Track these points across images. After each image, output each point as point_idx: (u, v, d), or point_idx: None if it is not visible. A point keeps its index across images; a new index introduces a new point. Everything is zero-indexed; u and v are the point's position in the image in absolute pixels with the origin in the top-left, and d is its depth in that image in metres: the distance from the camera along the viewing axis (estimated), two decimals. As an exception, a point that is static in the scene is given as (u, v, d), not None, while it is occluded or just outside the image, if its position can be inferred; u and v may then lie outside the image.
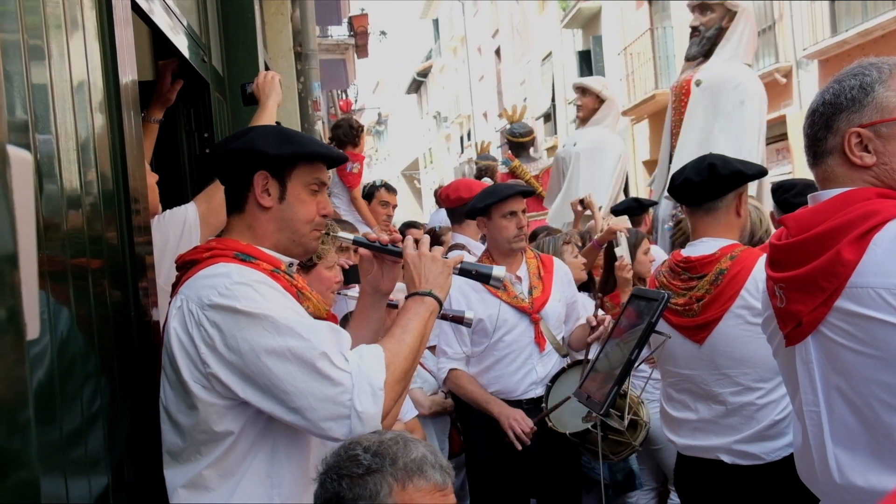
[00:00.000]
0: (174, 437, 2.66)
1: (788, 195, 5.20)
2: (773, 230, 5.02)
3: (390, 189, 8.87)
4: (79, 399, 2.32)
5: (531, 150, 11.98)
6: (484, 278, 3.12)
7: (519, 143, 11.74)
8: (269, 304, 2.55)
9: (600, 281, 6.28)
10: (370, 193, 8.64)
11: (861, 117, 2.42)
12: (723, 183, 3.97)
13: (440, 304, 2.91)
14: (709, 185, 3.98)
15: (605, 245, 6.29)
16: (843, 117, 2.45)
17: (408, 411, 5.00)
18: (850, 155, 2.44)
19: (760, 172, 4.11)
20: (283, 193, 2.81)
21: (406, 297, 2.92)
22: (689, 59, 8.34)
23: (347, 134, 8.73)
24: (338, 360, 2.53)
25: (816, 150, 2.54)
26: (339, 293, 4.37)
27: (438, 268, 2.95)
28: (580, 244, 6.61)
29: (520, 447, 4.93)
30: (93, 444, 2.39)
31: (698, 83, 8.11)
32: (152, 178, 3.45)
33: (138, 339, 2.82)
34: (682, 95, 8.18)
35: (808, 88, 19.74)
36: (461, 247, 6.62)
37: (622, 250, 5.97)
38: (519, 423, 4.96)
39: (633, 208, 7.75)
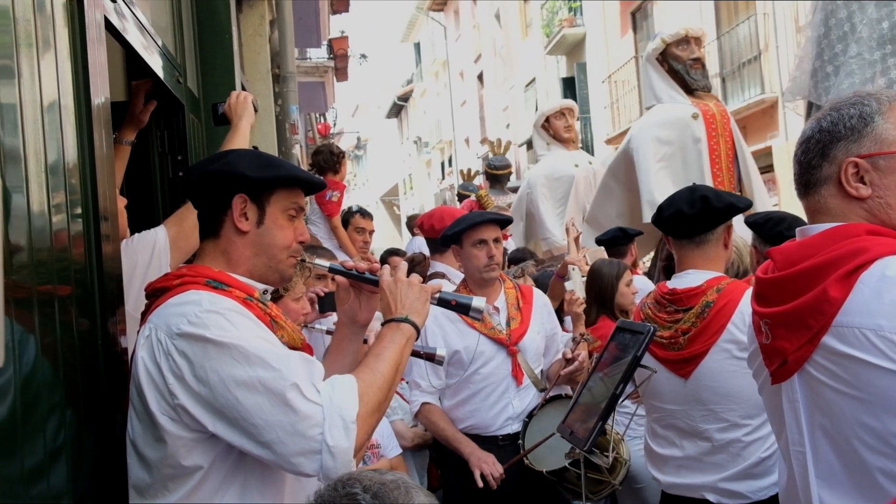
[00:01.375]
0: (141, 471, 2.57)
1: (767, 226, 5.10)
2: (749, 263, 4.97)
3: (365, 214, 8.76)
4: (42, 431, 2.26)
5: (507, 182, 12.58)
6: (463, 309, 3.05)
7: (495, 174, 12.38)
8: (240, 332, 2.48)
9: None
10: (345, 220, 8.51)
11: (859, 147, 2.38)
12: (716, 216, 3.96)
13: (417, 330, 2.83)
14: (702, 217, 3.97)
15: (586, 278, 6.22)
16: (841, 146, 2.40)
17: (393, 447, 4.92)
18: (845, 185, 2.39)
19: (748, 205, 4.10)
20: (262, 218, 2.75)
21: (382, 324, 2.84)
22: (708, 89, 8.37)
23: (328, 160, 8.58)
24: (309, 392, 2.44)
25: (809, 178, 2.49)
26: (306, 326, 4.29)
27: (415, 293, 2.87)
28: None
29: (481, 484, 4.79)
30: (55, 478, 2.33)
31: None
32: (121, 202, 3.38)
33: (105, 369, 2.75)
34: (725, 123, 8.25)
35: (793, 120, 19.81)
36: (441, 275, 6.55)
37: (573, 284, 5.89)
38: (489, 467, 4.82)
39: (618, 238, 7.67)
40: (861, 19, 5.55)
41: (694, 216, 3.96)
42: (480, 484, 4.78)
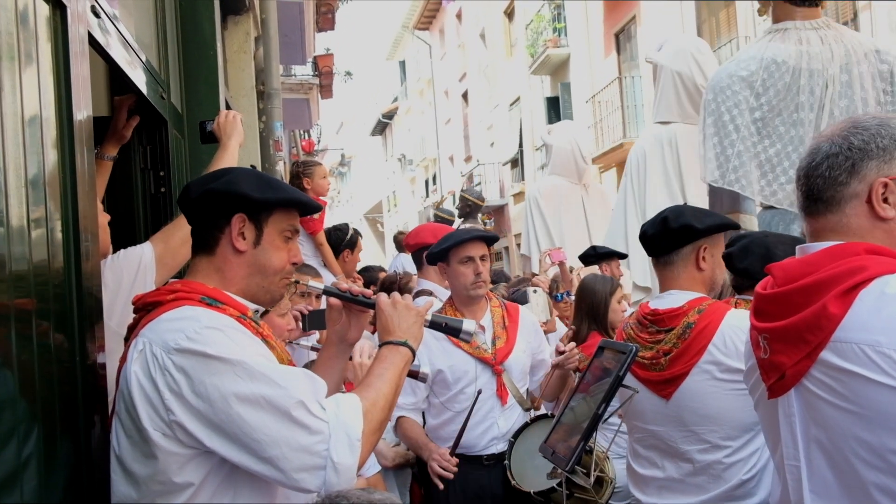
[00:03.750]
0: (127, 487, 2.54)
1: None
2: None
3: (361, 235, 8.75)
4: (13, 445, 2.24)
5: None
6: (454, 332, 3.14)
7: (474, 204, 12.80)
8: (241, 349, 2.48)
9: (573, 331, 6.16)
10: (353, 243, 8.42)
11: (890, 168, 2.40)
12: (672, 237, 3.97)
13: (413, 354, 2.90)
14: (661, 238, 4.00)
15: (576, 294, 6.20)
16: (873, 165, 2.41)
17: (371, 466, 4.90)
18: (875, 204, 2.40)
19: (715, 227, 4.04)
20: (259, 238, 2.77)
21: (380, 346, 2.90)
22: None
23: (292, 184, 8.42)
24: (315, 409, 2.47)
25: (834, 193, 2.46)
26: (291, 342, 4.28)
27: (412, 318, 2.95)
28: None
29: (441, 486, 4.79)
30: (27, 492, 2.30)
31: None
32: (104, 218, 3.36)
33: (83, 384, 2.72)
34: None
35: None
36: (427, 293, 6.53)
37: (531, 307, 5.86)
38: (438, 461, 4.81)
39: (589, 256, 7.68)
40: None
41: (655, 237, 4.01)
42: (440, 485, 4.77)
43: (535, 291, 6.10)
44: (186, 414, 2.42)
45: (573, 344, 4.95)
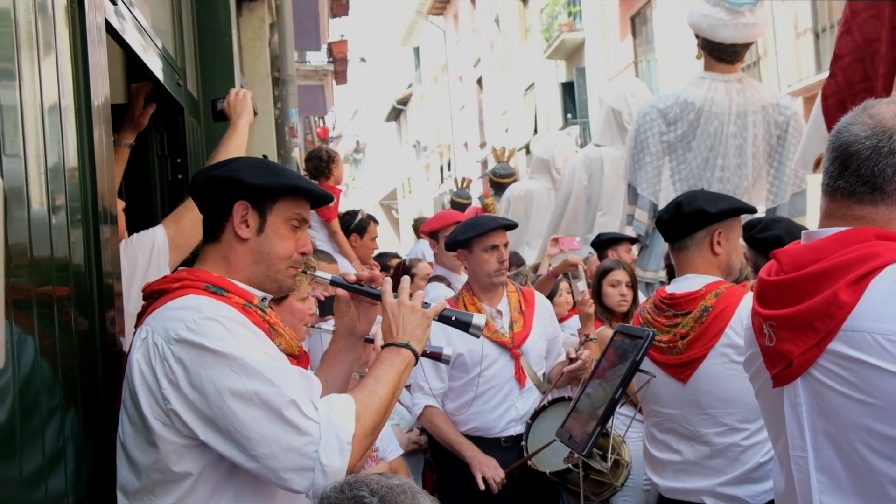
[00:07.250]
0: (129, 474, 2.55)
1: (753, 231, 5.07)
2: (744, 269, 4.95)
3: (377, 222, 8.74)
4: (41, 434, 2.25)
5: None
6: (463, 326, 3.08)
7: (499, 183, 12.91)
8: (239, 343, 2.47)
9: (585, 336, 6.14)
10: (362, 227, 8.42)
11: None
12: (686, 221, 3.98)
13: (416, 357, 2.85)
14: (675, 223, 4.02)
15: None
16: None
17: (393, 449, 4.91)
18: None
19: (731, 210, 4.07)
20: (262, 226, 2.74)
21: (382, 347, 2.86)
22: None
23: (318, 167, 8.40)
24: (307, 409, 2.45)
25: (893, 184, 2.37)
26: (312, 326, 4.28)
27: (417, 319, 2.89)
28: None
29: (483, 487, 4.85)
30: (54, 481, 2.32)
31: None
32: (119, 205, 3.37)
33: (104, 371, 2.74)
34: None
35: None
36: (441, 279, 6.53)
37: (583, 284, 5.87)
38: (491, 472, 4.88)
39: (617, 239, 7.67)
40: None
41: (669, 221, 4.04)
42: (482, 486, 4.81)
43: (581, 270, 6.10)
44: (182, 405, 2.42)
45: (588, 352, 4.95)
